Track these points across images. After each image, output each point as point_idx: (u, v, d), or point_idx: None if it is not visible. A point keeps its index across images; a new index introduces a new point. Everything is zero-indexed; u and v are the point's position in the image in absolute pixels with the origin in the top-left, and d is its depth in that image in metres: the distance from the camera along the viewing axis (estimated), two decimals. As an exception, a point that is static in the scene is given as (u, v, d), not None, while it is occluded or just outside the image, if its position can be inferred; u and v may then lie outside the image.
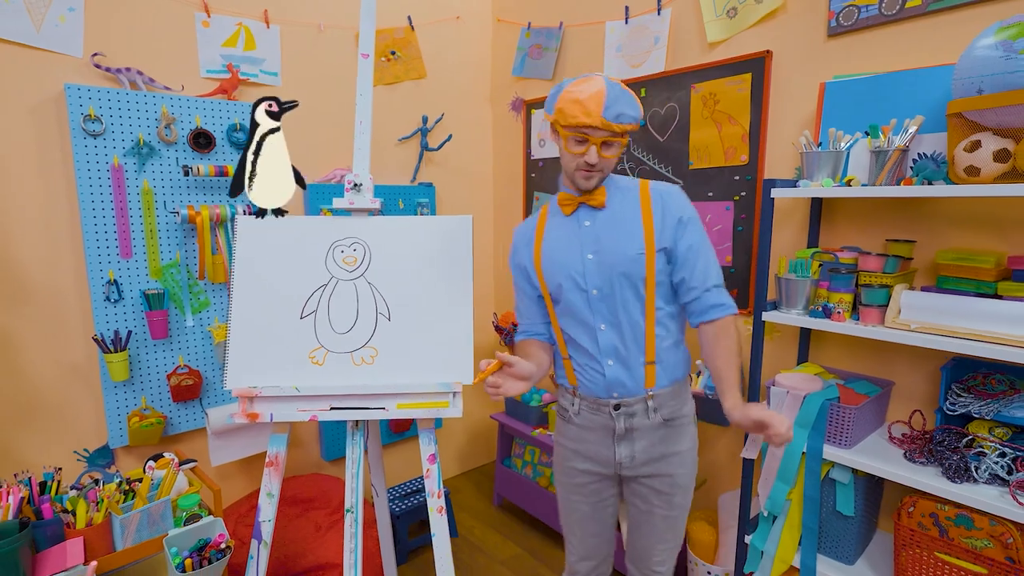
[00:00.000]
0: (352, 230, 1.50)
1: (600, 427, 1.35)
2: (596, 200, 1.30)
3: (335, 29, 2.33)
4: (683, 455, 1.36)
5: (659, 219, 1.27)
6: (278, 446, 1.40)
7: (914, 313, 1.36)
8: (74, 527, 1.16)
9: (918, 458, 1.40)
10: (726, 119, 1.96)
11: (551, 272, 1.34)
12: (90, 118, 1.79)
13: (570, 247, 1.33)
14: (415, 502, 2.38)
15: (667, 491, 1.36)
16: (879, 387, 1.60)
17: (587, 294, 1.30)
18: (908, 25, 1.55)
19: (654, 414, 1.31)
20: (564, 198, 1.35)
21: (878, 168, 1.42)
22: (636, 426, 1.32)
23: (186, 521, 1.30)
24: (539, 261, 1.37)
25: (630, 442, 1.33)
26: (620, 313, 1.29)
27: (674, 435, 1.34)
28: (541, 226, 1.40)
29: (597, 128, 1.19)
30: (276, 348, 1.42)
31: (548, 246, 1.36)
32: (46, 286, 1.83)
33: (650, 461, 1.34)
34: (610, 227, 1.30)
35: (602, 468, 1.38)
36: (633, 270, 1.27)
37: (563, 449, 1.44)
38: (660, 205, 1.28)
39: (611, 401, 1.32)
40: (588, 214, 1.33)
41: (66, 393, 1.89)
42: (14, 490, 1.16)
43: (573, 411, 1.39)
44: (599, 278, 1.29)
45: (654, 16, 2.15)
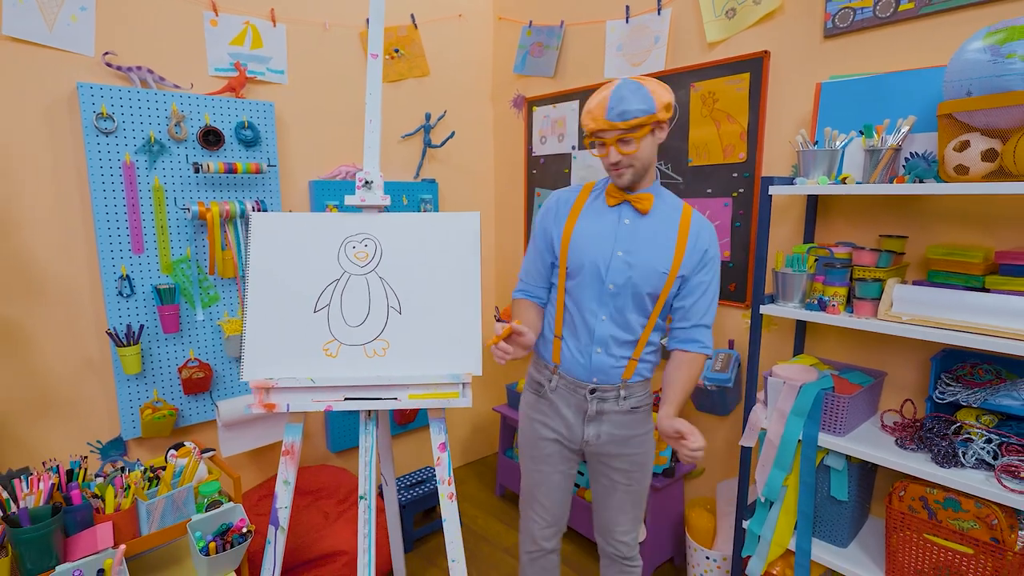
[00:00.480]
0: (363, 226, 1.55)
1: (573, 406, 1.47)
2: (642, 205, 1.38)
3: (340, 28, 2.36)
4: (643, 437, 1.49)
5: (691, 248, 1.37)
6: (294, 435, 1.45)
7: (906, 306, 1.42)
8: (103, 512, 1.21)
9: (909, 445, 1.46)
10: (725, 117, 2.01)
11: (578, 253, 1.41)
12: (102, 116, 1.82)
13: (603, 237, 1.40)
14: (420, 492, 2.44)
15: (628, 468, 1.49)
16: (872, 377, 1.65)
17: (603, 286, 1.38)
18: (901, 27, 1.60)
19: (624, 402, 1.44)
20: (614, 190, 1.41)
21: (872, 166, 1.48)
22: (606, 410, 1.45)
23: (207, 507, 1.34)
24: (568, 237, 1.43)
25: (598, 423, 1.46)
26: (625, 312, 1.39)
27: (637, 421, 1.48)
28: (580, 203, 1.46)
29: (605, 130, 1.29)
30: (291, 341, 1.46)
31: (583, 226, 1.42)
32: (60, 281, 1.86)
33: (614, 441, 1.47)
34: (647, 236, 1.38)
35: (569, 443, 1.50)
36: (653, 283, 1.37)
37: (533, 423, 1.54)
38: (695, 235, 1.38)
39: (589, 385, 1.43)
40: (630, 213, 1.40)
41: (79, 386, 1.93)
42: (44, 477, 1.21)
43: (549, 387, 1.49)
44: (620, 277, 1.37)
45: (654, 16, 2.19)
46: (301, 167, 2.34)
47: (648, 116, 1.27)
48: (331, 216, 1.55)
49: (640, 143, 1.30)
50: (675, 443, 1.27)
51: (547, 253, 1.48)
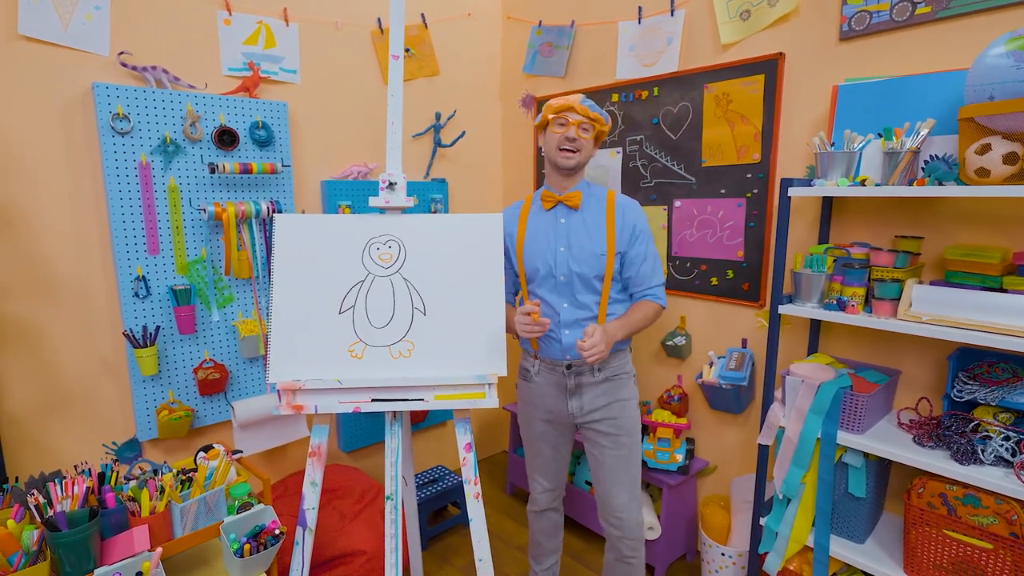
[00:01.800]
0: (387, 228, 1.55)
1: (555, 384, 1.69)
2: (572, 202, 1.63)
3: (351, 27, 2.36)
4: (623, 403, 1.68)
5: (620, 227, 1.62)
6: (321, 437, 1.45)
7: (925, 306, 1.44)
8: (139, 515, 1.21)
9: (927, 442, 1.49)
10: (739, 119, 2.03)
11: (530, 257, 1.66)
12: (118, 116, 1.81)
13: (547, 238, 1.65)
14: (432, 491, 2.45)
15: (613, 432, 1.66)
16: (887, 375, 1.68)
17: (556, 279, 1.64)
18: (918, 31, 1.62)
19: (598, 372, 1.65)
20: (546, 195, 1.67)
21: (890, 168, 1.50)
22: (584, 383, 1.66)
23: (239, 509, 1.35)
24: (521, 246, 1.68)
25: (579, 396, 1.67)
26: (580, 295, 1.62)
27: (615, 387, 1.67)
28: (524, 215, 1.71)
29: (574, 110, 1.56)
30: (316, 342, 1.46)
31: (530, 235, 1.68)
32: (75, 282, 1.85)
33: (596, 409, 1.67)
34: (581, 227, 1.63)
35: (558, 418, 1.72)
36: (595, 265, 1.60)
37: (526, 406, 1.79)
38: (621, 215, 1.62)
39: (564, 362, 1.65)
40: (564, 212, 1.66)
41: (95, 387, 1.93)
42: (79, 480, 1.20)
43: (534, 372, 1.72)
44: (566, 268, 1.62)
45: (667, 17, 2.21)
46: (313, 167, 2.33)
47: (603, 121, 1.61)
48: (355, 217, 1.55)
49: (593, 138, 1.62)
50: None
51: (509, 266, 1.73)
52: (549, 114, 1.61)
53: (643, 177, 2.36)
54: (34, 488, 1.19)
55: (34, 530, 1.11)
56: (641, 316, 1.63)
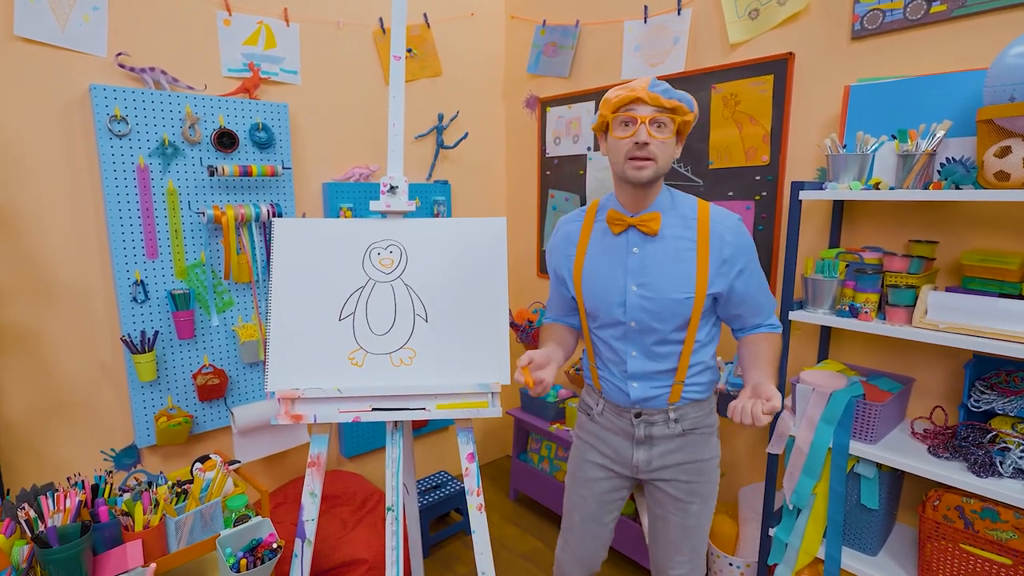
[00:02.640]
0: (388, 232, 1.52)
1: (620, 430, 1.38)
2: (648, 227, 1.22)
3: (353, 27, 2.33)
4: (701, 464, 1.35)
5: (716, 262, 1.21)
6: (320, 447, 1.42)
7: (941, 313, 1.40)
8: (132, 529, 1.18)
9: (942, 453, 1.45)
10: (747, 119, 1.99)
11: (590, 295, 1.32)
12: (116, 118, 1.78)
13: (613, 273, 1.27)
14: (434, 498, 2.42)
15: (683, 498, 1.36)
16: (900, 383, 1.64)
17: (625, 325, 1.28)
18: (933, 30, 1.58)
19: (674, 424, 1.33)
20: (614, 217, 1.26)
21: (905, 171, 1.46)
22: (655, 434, 1.34)
23: (235, 522, 1.32)
24: (579, 277, 1.33)
25: (648, 447, 1.36)
26: (655, 346, 1.28)
27: (693, 444, 1.34)
28: (587, 234, 1.34)
29: (643, 102, 1.12)
30: (316, 350, 1.43)
31: (590, 265, 1.31)
32: (73, 286, 1.83)
33: (667, 467, 1.35)
34: (661, 261, 1.22)
35: (618, 467, 1.41)
36: (678, 311, 1.23)
37: (581, 443, 1.47)
38: (719, 245, 1.21)
39: (633, 409, 1.35)
40: (638, 239, 1.25)
41: (93, 393, 1.90)
42: (71, 493, 1.17)
43: (597, 411, 1.42)
44: (640, 312, 1.25)
45: (674, 16, 2.17)
46: (314, 169, 2.30)
47: (687, 109, 1.15)
48: (355, 222, 1.52)
49: (672, 136, 1.16)
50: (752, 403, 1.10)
51: (563, 288, 1.41)
52: (608, 112, 1.18)
53: (649, 179, 2.32)
54: (25, 502, 1.16)
55: (24, 546, 1.09)
56: (774, 355, 1.26)
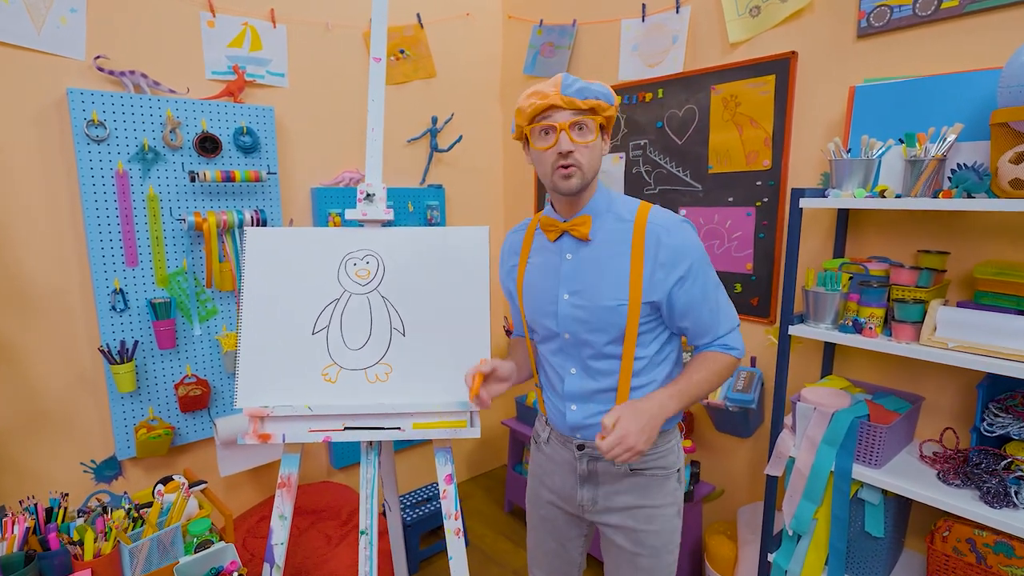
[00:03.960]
0: (365, 242, 1.45)
1: (565, 462, 1.24)
2: (578, 231, 1.11)
3: (343, 28, 2.27)
4: (653, 511, 1.18)
5: (650, 268, 1.08)
6: (290, 467, 1.36)
7: (951, 330, 1.31)
8: (81, 559, 1.12)
9: (952, 479, 1.35)
10: (748, 122, 1.90)
11: (529, 306, 1.22)
12: (93, 123, 1.74)
13: (548, 282, 1.17)
14: (426, 511, 2.35)
15: (630, 548, 1.20)
16: (908, 403, 1.54)
17: (560, 338, 1.17)
18: (944, 27, 1.48)
19: None
20: (548, 223, 1.16)
21: (913, 178, 1.36)
22: (600, 470, 1.20)
23: (197, 548, 1.26)
24: (521, 291, 1.24)
25: (593, 486, 1.21)
26: (592, 360, 1.15)
27: (644, 487, 1.18)
28: (528, 245, 1.24)
29: (559, 107, 1.02)
30: (287, 365, 1.37)
31: (530, 275, 1.22)
32: (51, 295, 1.78)
33: (613, 510, 1.20)
34: (592, 266, 1.12)
35: (566, 504, 1.27)
36: (611, 320, 1.10)
37: (533, 477, 1.35)
38: (654, 250, 1.08)
39: (575, 440, 1.21)
40: (572, 245, 1.14)
41: (73, 404, 1.86)
42: (19, 519, 1.12)
43: (543, 438, 1.30)
44: (573, 322, 1.13)
45: (672, 14, 2.08)
46: (302, 174, 2.24)
47: (607, 104, 1.05)
48: (330, 231, 1.45)
49: (597, 137, 1.06)
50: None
51: (515, 302, 1.30)
52: (523, 123, 1.08)
53: (647, 184, 2.24)
54: (-28, 526, 1.11)
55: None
56: (707, 375, 1.11)
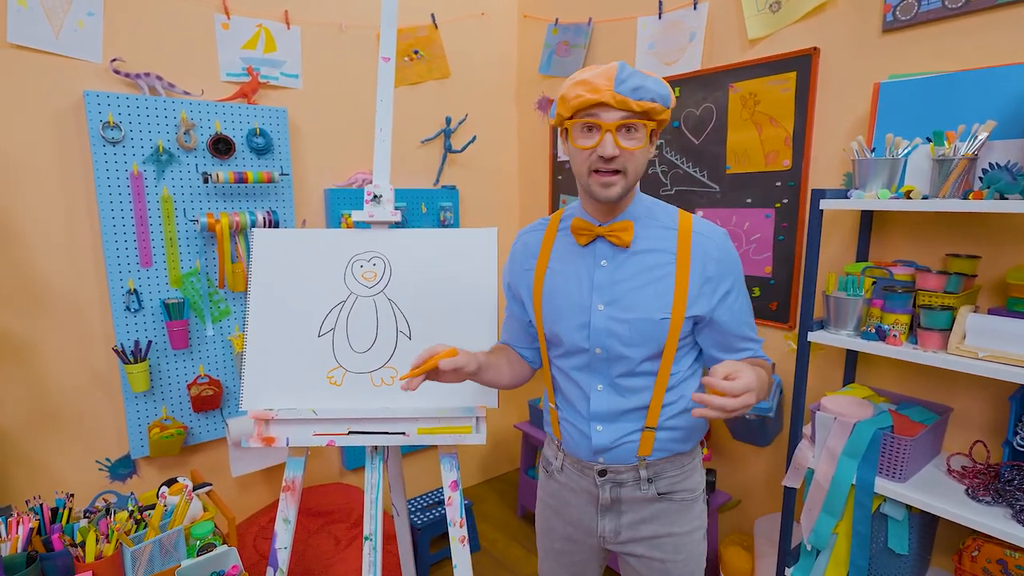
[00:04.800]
0: (372, 244, 1.44)
1: (583, 491, 1.14)
2: (618, 237, 1.02)
3: (357, 29, 2.26)
4: (680, 539, 1.11)
5: (698, 280, 1.01)
6: (295, 470, 1.35)
7: (982, 339, 1.24)
8: (83, 560, 1.13)
9: (983, 496, 1.28)
10: (767, 121, 1.84)
11: (550, 317, 1.09)
12: (109, 125, 1.76)
13: (578, 289, 1.06)
14: (436, 514, 2.33)
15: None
16: (936, 414, 1.47)
17: (589, 353, 1.06)
18: (976, 19, 1.41)
19: (647, 485, 1.09)
20: (580, 226, 1.06)
21: (942, 178, 1.30)
22: (624, 497, 1.11)
23: (199, 551, 1.26)
24: (539, 298, 1.11)
25: (616, 515, 1.12)
26: (623, 378, 1.06)
27: (672, 513, 1.11)
28: (548, 246, 1.12)
29: (609, 106, 0.91)
30: (293, 368, 1.36)
31: (552, 282, 1.09)
32: (67, 295, 1.81)
33: (638, 540, 1.12)
34: (634, 276, 1.03)
35: (584, 536, 1.17)
36: (652, 335, 1.02)
37: (544, 507, 1.24)
38: (702, 260, 1.01)
39: (596, 466, 1.10)
40: (608, 251, 1.05)
41: (87, 402, 1.88)
42: (24, 520, 1.13)
43: (556, 466, 1.19)
44: (607, 336, 1.03)
45: (690, 11, 2.03)
46: (315, 175, 2.25)
47: (663, 107, 0.93)
48: (337, 233, 1.44)
49: (646, 144, 0.96)
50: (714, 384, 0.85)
51: (519, 312, 1.19)
52: (565, 115, 0.96)
53: (663, 184, 2.19)
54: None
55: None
56: (762, 377, 0.96)
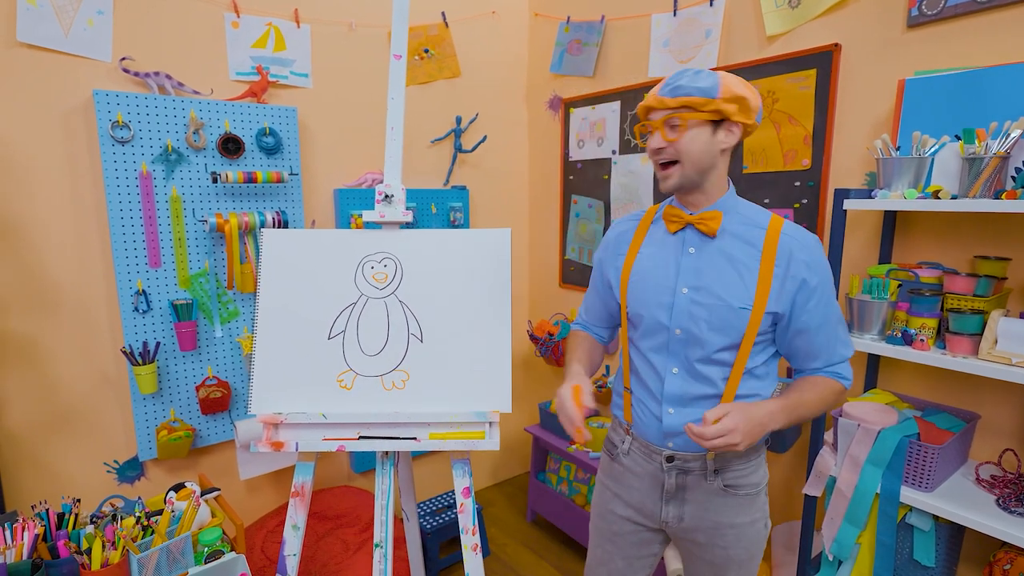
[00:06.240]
0: (383, 244, 1.41)
1: (649, 476, 1.17)
2: (707, 226, 1.08)
3: (367, 28, 2.24)
4: (742, 529, 1.14)
5: (779, 279, 1.05)
6: (304, 475, 1.32)
7: (1014, 344, 1.20)
8: (89, 568, 1.10)
9: (1014, 507, 1.24)
10: (786, 119, 1.80)
11: (635, 297, 1.15)
12: (118, 124, 1.74)
13: (665, 273, 1.12)
14: (446, 519, 2.30)
15: (719, 563, 1.16)
16: (963, 420, 1.43)
17: (669, 332, 1.11)
18: (1006, 13, 1.36)
19: (713, 476, 1.11)
20: (671, 213, 1.13)
21: (971, 178, 1.25)
22: (690, 485, 1.14)
23: (207, 558, 1.23)
24: (626, 280, 1.17)
25: (680, 502, 1.15)
26: (700, 364, 1.09)
27: (735, 505, 1.13)
28: (641, 234, 1.19)
29: (654, 108, 1.06)
30: (302, 371, 1.34)
31: (641, 265, 1.16)
32: (75, 296, 1.79)
33: (701, 529, 1.15)
34: (719, 265, 1.08)
35: (645, 520, 1.20)
36: (731, 322, 1.06)
37: (604, 490, 1.26)
38: (786, 261, 1.05)
39: (664, 451, 1.13)
40: (696, 239, 1.10)
41: (96, 404, 1.86)
42: (29, 525, 1.11)
43: (623, 449, 1.21)
44: (688, 319, 1.08)
45: (706, 7, 1.99)
46: (325, 175, 2.22)
47: (705, 99, 1.01)
48: (348, 233, 1.42)
49: (689, 132, 1.03)
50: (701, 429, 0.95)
51: (607, 295, 1.25)
52: (639, 125, 1.14)
53: (677, 185, 2.14)
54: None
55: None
56: (816, 397, 1.07)
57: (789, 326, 1.08)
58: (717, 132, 1.05)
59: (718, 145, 1.06)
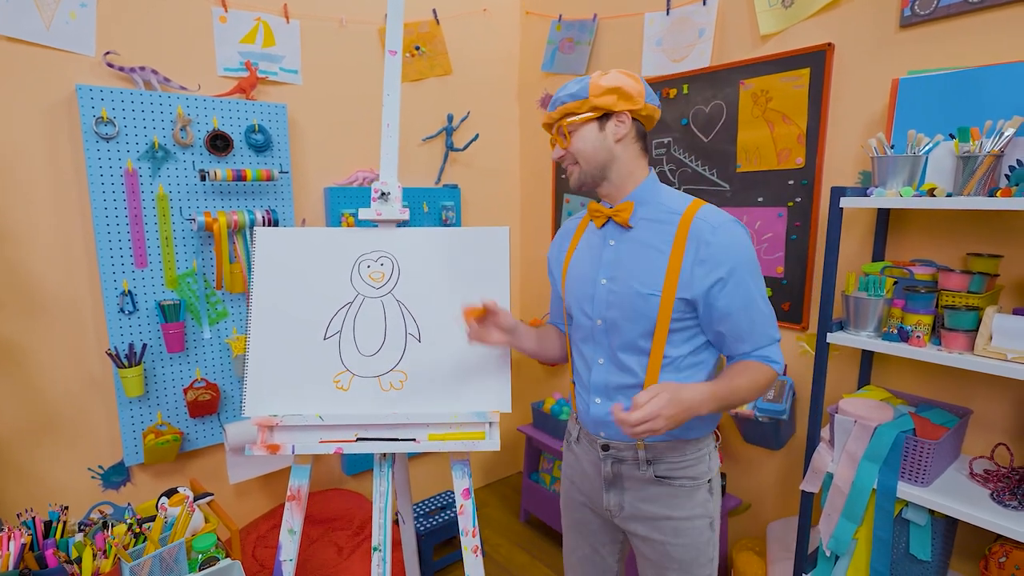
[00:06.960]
0: (379, 243, 1.39)
1: (592, 464, 1.22)
2: (620, 217, 1.12)
3: (358, 24, 2.21)
4: (679, 523, 1.13)
5: (689, 265, 1.05)
6: (300, 479, 1.29)
7: (1010, 340, 1.21)
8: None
9: (1009, 500, 1.25)
10: (779, 118, 1.81)
11: (570, 293, 1.22)
12: (103, 120, 1.69)
13: (589, 266, 1.18)
14: (441, 520, 2.28)
15: (656, 560, 1.16)
16: (956, 416, 1.44)
17: (592, 323, 1.16)
18: (999, 13, 1.38)
19: (646, 467, 1.13)
20: (595, 209, 1.18)
21: (966, 176, 1.27)
22: (625, 474, 1.17)
23: (201, 565, 1.20)
24: (565, 275, 1.24)
25: (619, 491, 1.18)
26: (621, 352, 1.12)
27: (671, 496, 1.13)
28: (580, 232, 1.25)
29: (546, 124, 1.17)
30: (298, 372, 1.31)
31: (574, 260, 1.23)
32: (59, 297, 1.74)
33: (640, 518, 1.16)
34: (635, 254, 1.11)
35: (597, 508, 1.24)
36: (641, 310, 1.08)
37: (565, 478, 1.33)
38: (695, 246, 1.04)
39: (599, 439, 1.18)
40: (615, 231, 1.15)
41: (81, 407, 1.81)
42: (15, 534, 1.06)
43: (574, 437, 1.28)
44: (607, 308, 1.12)
45: (699, 6, 1.99)
46: (315, 173, 2.19)
47: (578, 101, 1.08)
48: (343, 231, 1.39)
49: (576, 134, 1.10)
50: None
51: (558, 291, 1.30)
52: None
53: (671, 183, 2.15)
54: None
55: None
56: (746, 383, 1.05)
57: (710, 311, 1.07)
58: (606, 126, 1.10)
59: (610, 138, 1.10)
